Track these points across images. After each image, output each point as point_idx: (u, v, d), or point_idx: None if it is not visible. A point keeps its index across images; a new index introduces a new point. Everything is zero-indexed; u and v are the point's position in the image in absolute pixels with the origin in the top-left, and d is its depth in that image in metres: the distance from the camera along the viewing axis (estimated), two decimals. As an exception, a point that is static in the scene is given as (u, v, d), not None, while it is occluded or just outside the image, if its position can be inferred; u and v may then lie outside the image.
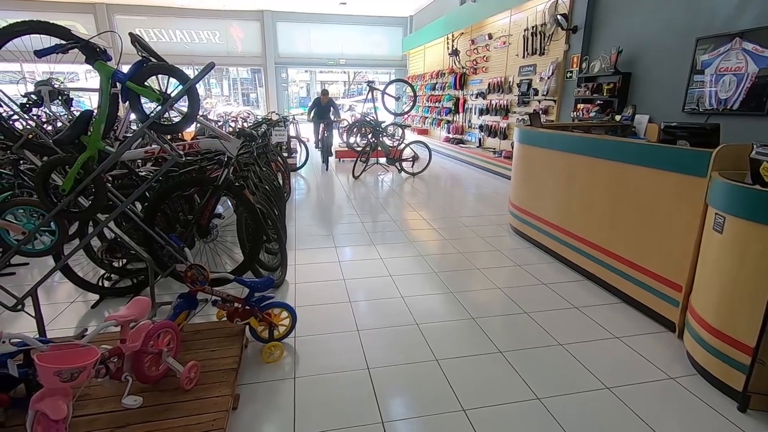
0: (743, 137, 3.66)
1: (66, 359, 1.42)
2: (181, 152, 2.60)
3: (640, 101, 4.91)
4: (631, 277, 2.83)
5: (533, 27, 6.79)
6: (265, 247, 3.38)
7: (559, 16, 6.06)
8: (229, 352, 2.08)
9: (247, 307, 2.23)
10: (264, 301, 2.30)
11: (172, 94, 1.76)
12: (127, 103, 1.75)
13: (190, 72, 1.87)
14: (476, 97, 8.87)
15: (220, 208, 4.87)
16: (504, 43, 7.79)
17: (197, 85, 1.86)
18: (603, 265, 3.10)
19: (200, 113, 10.79)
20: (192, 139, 5.19)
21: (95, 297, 2.88)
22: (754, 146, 2.01)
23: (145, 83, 1.79)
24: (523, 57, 7.14)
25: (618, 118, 4.92)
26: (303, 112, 17.51)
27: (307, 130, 13.33)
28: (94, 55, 1.69)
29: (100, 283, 2.89)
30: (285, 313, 2.40)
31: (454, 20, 9.54)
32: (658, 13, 4.66)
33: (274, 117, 8.15)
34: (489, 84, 8.36)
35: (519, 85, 7.27)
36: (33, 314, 2.13)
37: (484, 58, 8.65)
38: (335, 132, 9.22)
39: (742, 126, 3.80)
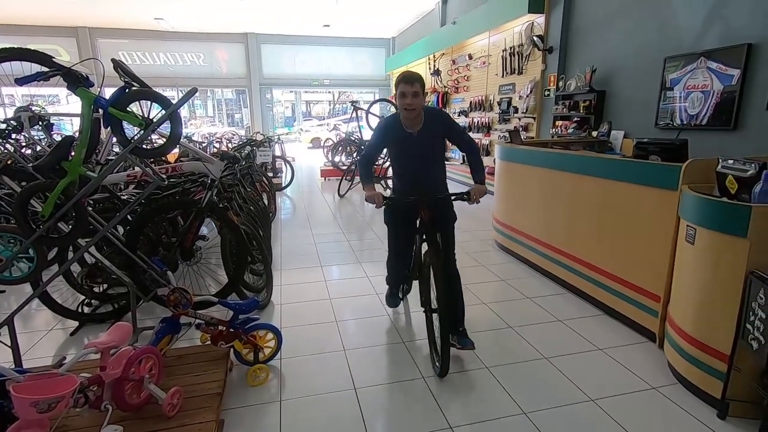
0: (714, 151, 3.80)
1: (43, 389, 1.39)
2: (164, 175, 2.60)
3: (615, 117, 5.08)
4: (612, 289, 2.89)
5: (511, 48, 7.01)
6: (250, 268, 3.36)
7: (535, 38, 6.28)
8: (214, 376, 2.05)
9: (232, 330, 2.21)
10: (249, 323, 2.28)
11: (155, 119, 1.78)
12: (109, 128, 1.75)
13: (174, 93, 1.89)
14: (458, 115, 9.05)
15: (204, 230, 4.83)
16: (484, 63, 8.02)
17: (181, 108, 1.88)
18: (585, 278, 3.16)
19: (184, 135, 10.49)
20: (176, 161, 5.18)
21: (75, 324, 2.81)
22: (720, 160, 2.11)
23: (128, 108, 1.81)
24: (503, 76, 7.35)
25: (595, 134, 5.08)
26: (288, 131, 17.64)
27: (292, 150, 13.39)
28: (76, 82, 1.71)
29: (80, 310, 2.83)
30: (270, 335, 2.38)
31: (435, 41, 9.80)
32: (629, 33, 4.87)
33: (259, 137, 8.20)
34: (470, 102, 8.55)
35: (499, 104, 7.46)
36: (9, 344, 2.07)
37: (465, 78, 8.87)
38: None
39: (713, 140, 3.96)
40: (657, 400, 2.07)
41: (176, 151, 5.69)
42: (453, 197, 2.36)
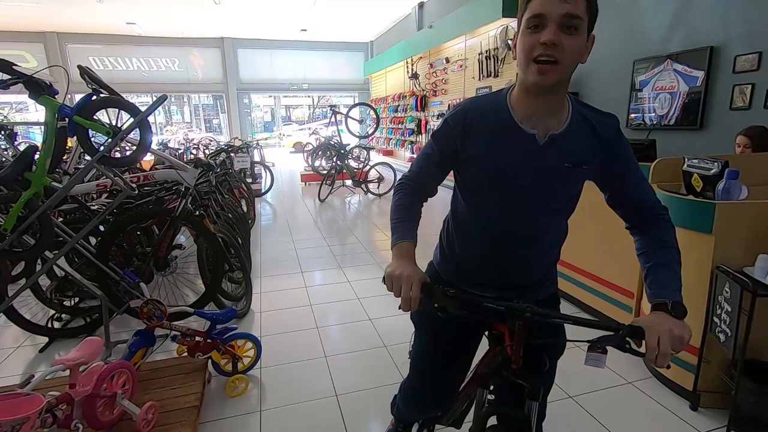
0: (682, 150, 3.93)
1: (7, 410, 1.33)
2: (137, 184, 2.54)
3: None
4: (586, 286, 2.95)
5: (487, 51, 7.12)
6: (228, 276, 3.30)
7: (509, 41, 6.40)
8: (191, 389, 2.00)
9: (209, 341, 2.16)
10: (226, 333, 2.24)
11: (123, 127, 1.74)
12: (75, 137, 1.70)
13: (149, 99, 1.85)
14: (437, 118, 9.13)
15: (181, 238, 4.74)
16: (461, 66, 8.11)
17: (154, 114, 1.84)
18: (562, 276, 3.22)
19: (159, 142, 10.24)
20: (151, 168, 5.07)
21: (45, 340, 2.71)
22: (685, 159, 2.18)
23: (95, 116, 1.76)
24: (479, 79, 7.46)
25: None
26: (268, 136, 17.45)
27: (273, 155, 13.26)
28: (38, 90, 1.65)
29: (50, 325, 2.72)
30: (249, 344, 2.34)
31: (412, 45, 9.87)
32: (600, 36, 4.95)
33: (237, 143, 8.10)
34: (449, 105, 8.64)
35: (477, 106, 7.55)
36: (-28, 363, 1.98)
37: (443, 81, 8.96)
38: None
39: (681, 140, 4.10)
40: (633, 394, 2.12)
41: (151, 158, 5.57)
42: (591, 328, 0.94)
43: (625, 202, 1.09)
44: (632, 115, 4.61)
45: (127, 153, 4.09)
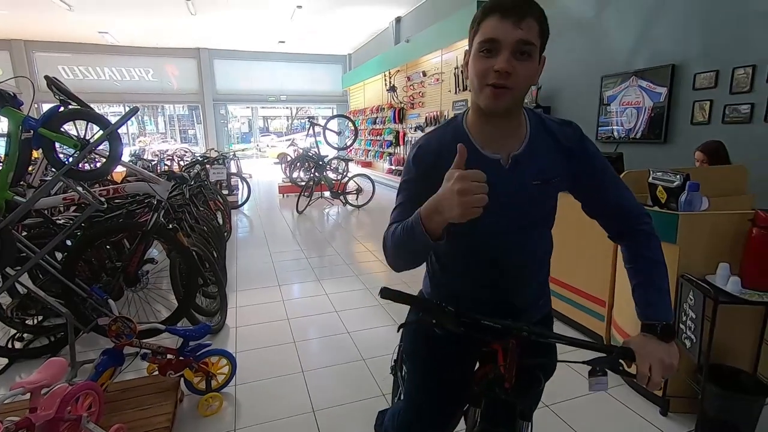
0: (648, 163, 4.10)
1: (-40, 439, 1.26)
2: (107, 197, 2.47)
3: (560, 132, 5.38)
4: (563, 297, 3.01)
5: (462, 65, 7.28)
6: (202, 291, 3.22)
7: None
8: (162, 409, 1.93)
9: (181, 358, 2.10)
10: (200, 350, 2.18)
11: (92, 139, 1.69)
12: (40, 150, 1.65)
13: (121, 110, 1.81)
14: (415, 130, 9.24)
15: (154, 252, 4.61)
16: (437, 80, 8.26)
17: (127, 125, 1.80)
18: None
19: (133, 153, 9.98)
20: (123, 181, 4.94)
21: (4, 361, 2.57)
22: (651, 172, 2.27)
23: (62, 128, 1.71)
24: (456, 93, 7.61)
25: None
26: (245, 147, 17.22)
27: (251, 166, 13.12)
28: (1, 101, 1.60)
29: (10, 345, 2.59)
30: (224, 361, 2.29)
31: (390, 59, 10.00)
32: (569, 53, 5.20)
33: (213, 154, 7.98)
34: (426, 118, 8.76)
35: (453, 119, 7.70)
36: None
37: (420, 94, 9.09)
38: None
39: (647, 152, 4.27)
40: (606, 400, 2.16)
41: (123, 170, 5.43)
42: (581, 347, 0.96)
43: (603, 211, 1.05)
44: (601, 129, 4.78)
45: (98, 165, 3.98)
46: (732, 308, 1.82)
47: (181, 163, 8.44)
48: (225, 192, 7.12)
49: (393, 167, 10.39)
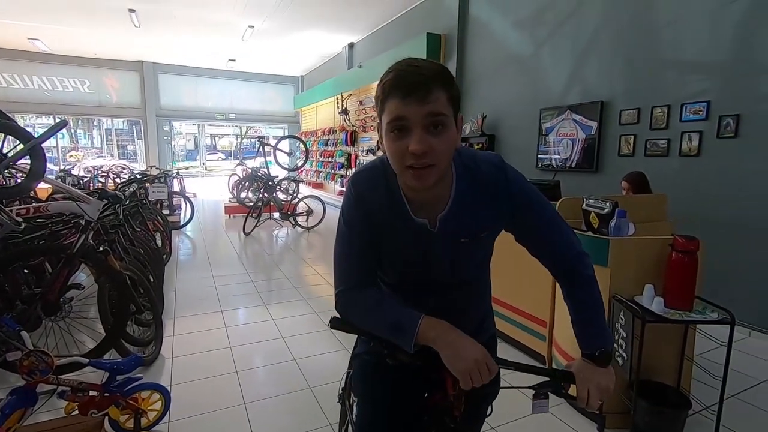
0: (582, 190, 4.41)
1: None
2: (25, 216, 2.24)
3: (504, 159, 5.66)
4: (507, 318, 3.11)
5: (378, 142, 7.49)
6: (135, 318, 2.98)
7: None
8: (80, 453, 1.73)
9: (107, 394, 1.91)
10: (129, 384, 1.99)
11: (10, 154, 1.54)
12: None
13: (51, 121, 1.66)
14: (367, 153, 9.34)
15: (81, 276, 4.23)
16: (389, 105, 8.46)
17: (56, 138, 1.66)
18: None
19: (62, 169, 9.26)
20: (48, 198, 4.52)
21: None
22: (584, 199, 2.43)
23: (-25, 141, 1.55)
24: (406, 118, 7.81)
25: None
26: (189, 165, 16.50)
27: (194, 185, 12.55)
28: None
29: None
30: (156, 395, 2.11)
31: (342, 82, 10.14)
32: (512, 86, 5.54)
33: (154, 171, 7.57)
34: (377, 141, 8.88)
35: (404, 143, 7.88)
36: None
37: (372, 118, 9.25)
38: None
39: (581, 181, 4.60)
40: (548, 420, 2.22)
41: (48, 187, 4.99)
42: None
43: (539, 253, 1.05)
44: (541, 157, 5.10)
45: (19, 181, 3.64)
46: (657, 327, 1.96)
47: (117, 180, 7.91)
48: (166, 212, 6.74)
49: (344, 189, 10.40)
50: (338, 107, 10.54)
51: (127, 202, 3.50)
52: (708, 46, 3.50)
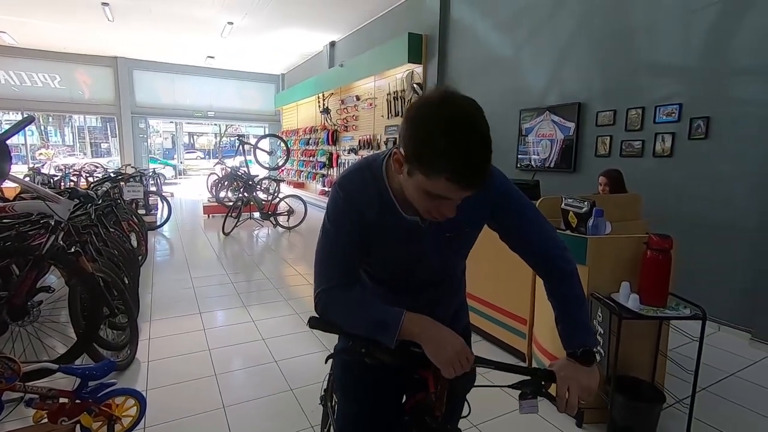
0: (561, 190, 4.48)
1: None
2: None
3: (484, 159, 5.72)
4: (486, 315, 3.13)
5: (395, 92, 7.53)
6: (109, 322, 2.88)
7: (415, 85, 6.85)
8: (50, 463, 1.67)
9: (78, 401, 1.84)
10: (102, 390, 1.92)
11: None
12: None
13: (19, 117, 1.59)
14: (348, 153, 9.30)
15: (51, 279, 4.08)
16: (371, 104, 8.45)
17: (25, 134, 1.59)
18: (465, 307, 3.38)
19: (31, 167, 8.94)
20: (15, 198, 4.34)
21: None
22: (563, 198, 2.47)
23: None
24: (388, 118, 7.82)
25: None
26: (164, 166, 16.07)
27: (171, 184, 12.26)
28: None
29: None
30: (131, 401, 2.04)
31: (323, 81, 10.07)
32: (493, 86, 5.60)
33: (130, 170, 7.37)
34: (359, 141, 8.87)
35: (386, 143, 7.88)
36: None
37: (354, 117, 9.22)
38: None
39: (560, 180, 4.68)
40: (527, 416, 2.25)
41: (14, 185, 4.79)
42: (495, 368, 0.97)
43: (521, 249, 1.08)
44: (520, 157, 5.17)
45: None
46: (633, 323, 2.00)
47: (90, 179, 7.66)
48: (142, 212, 6.57)
49: (326, 188, 10.32)
50: (320, 106, 10.46)
51: (100, 202, 3.39)
52: (680, 51, 3.61)
